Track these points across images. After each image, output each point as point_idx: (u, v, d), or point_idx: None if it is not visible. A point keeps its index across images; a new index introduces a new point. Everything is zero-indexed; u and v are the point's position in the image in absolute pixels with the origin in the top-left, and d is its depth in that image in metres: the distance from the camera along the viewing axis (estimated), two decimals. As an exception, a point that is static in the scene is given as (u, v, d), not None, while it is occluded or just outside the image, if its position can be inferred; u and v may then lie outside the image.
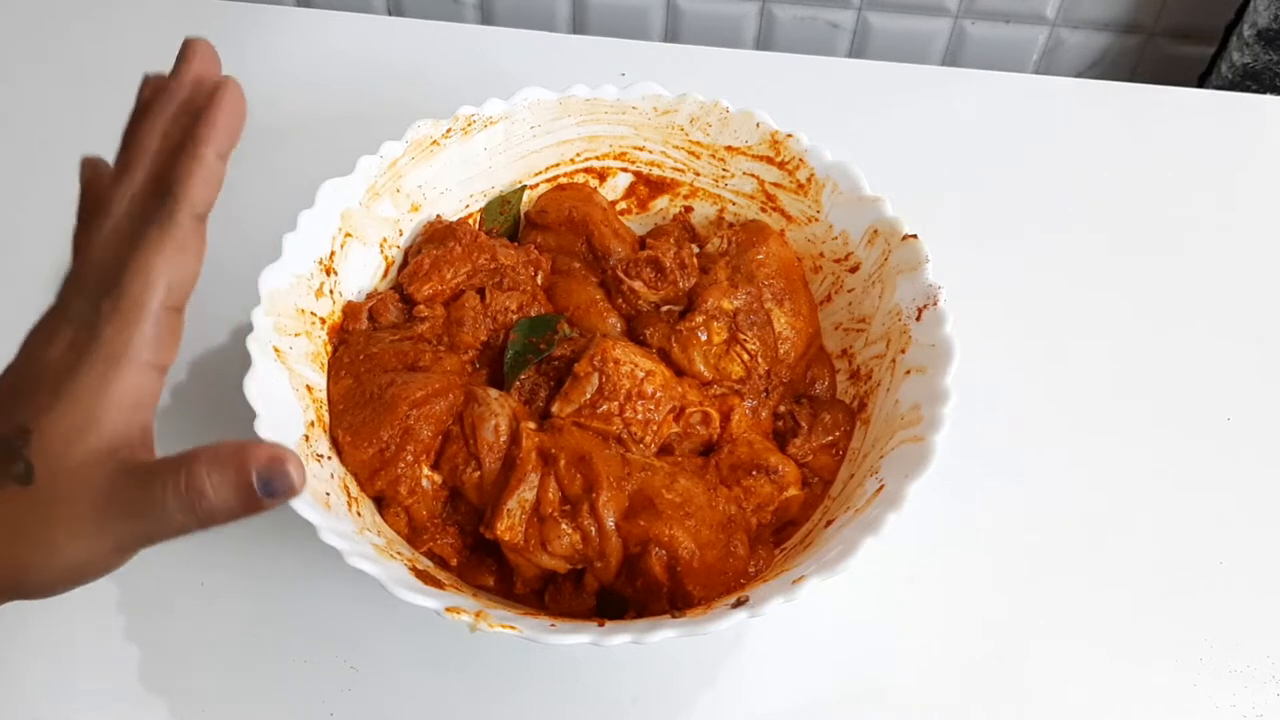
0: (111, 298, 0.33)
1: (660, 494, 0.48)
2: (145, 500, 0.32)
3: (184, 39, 0.37)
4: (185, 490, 0.32)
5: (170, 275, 0.33)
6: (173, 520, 0.32)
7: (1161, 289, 0.67)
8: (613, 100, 0.60)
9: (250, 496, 0.32)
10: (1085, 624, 0.53)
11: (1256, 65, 0.79)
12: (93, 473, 0.32)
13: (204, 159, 0.34)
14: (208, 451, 0.32)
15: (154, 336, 0.33)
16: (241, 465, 0.32)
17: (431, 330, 0.54)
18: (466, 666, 0.51)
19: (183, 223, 0.33)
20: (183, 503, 0.32)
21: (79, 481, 0.32)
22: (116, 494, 0.32)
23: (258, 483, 0.32)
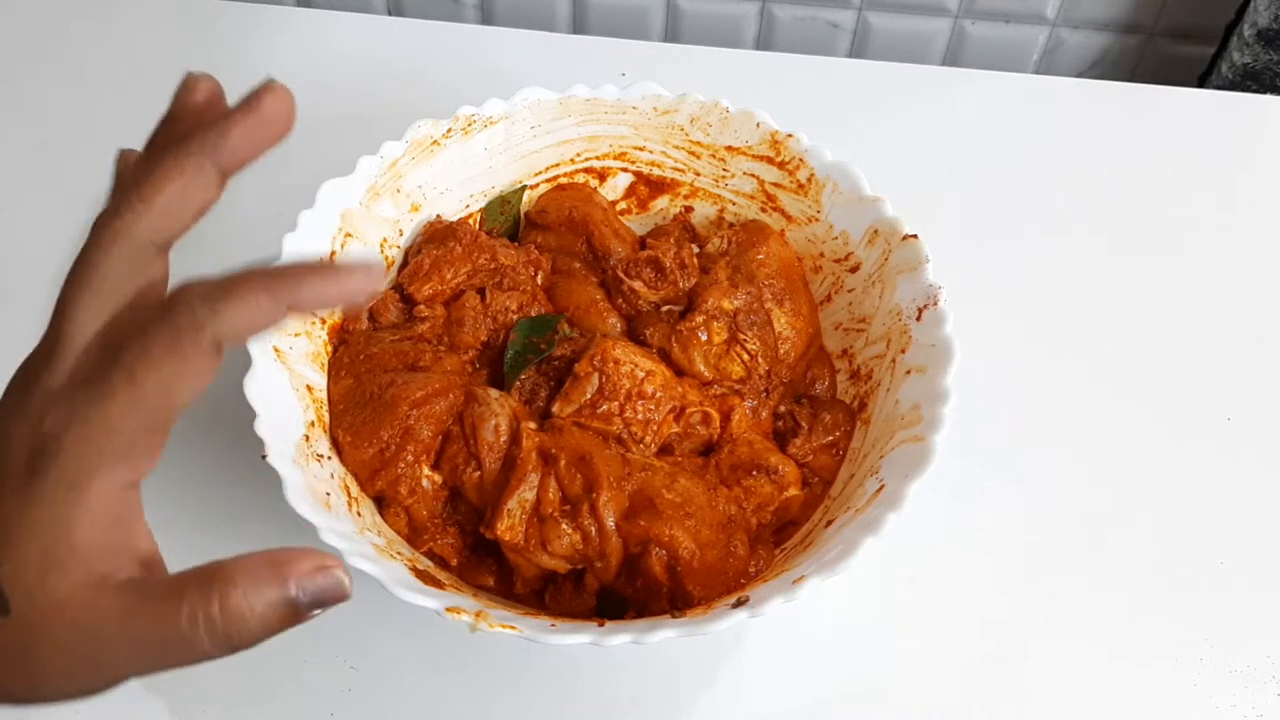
0: (90, 396, 0.27)
1: (660, 494, 0.48)
2: (164, 631, 0.27)
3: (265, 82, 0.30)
4: (220, 616, 0.27)
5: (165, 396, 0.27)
6: (200, 649, 0.27)
7: (1161, 289, 0.67)
8: (613, 100, 0.60)
9: (293, 612, 0.28)
10: (1085, 624, 0.53)
11: (1257, 65, 0.79)
12: (82, 604, 0.27)
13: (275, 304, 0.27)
14: (240, 569, 0.27)
15: (131, 455, 0.27)
16: (282, 580, 0.27)
17: (432, 330, 0.54)
18: (466, 666, 0.51)
19: (205, 350, 0.27)
20: (215, 631, 0.27)
21: (65, 616, 0.27)
22: (122, 625, 0.27)
23: (303, 596, 0.28)
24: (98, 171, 0.54)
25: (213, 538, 0.53)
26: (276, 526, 0.44)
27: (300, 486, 0.44)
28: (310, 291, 0.28)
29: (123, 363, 0.27)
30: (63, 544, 0.27)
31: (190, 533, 0.53)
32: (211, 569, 0.28)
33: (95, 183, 0.54)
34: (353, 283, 0.28)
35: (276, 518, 0.43)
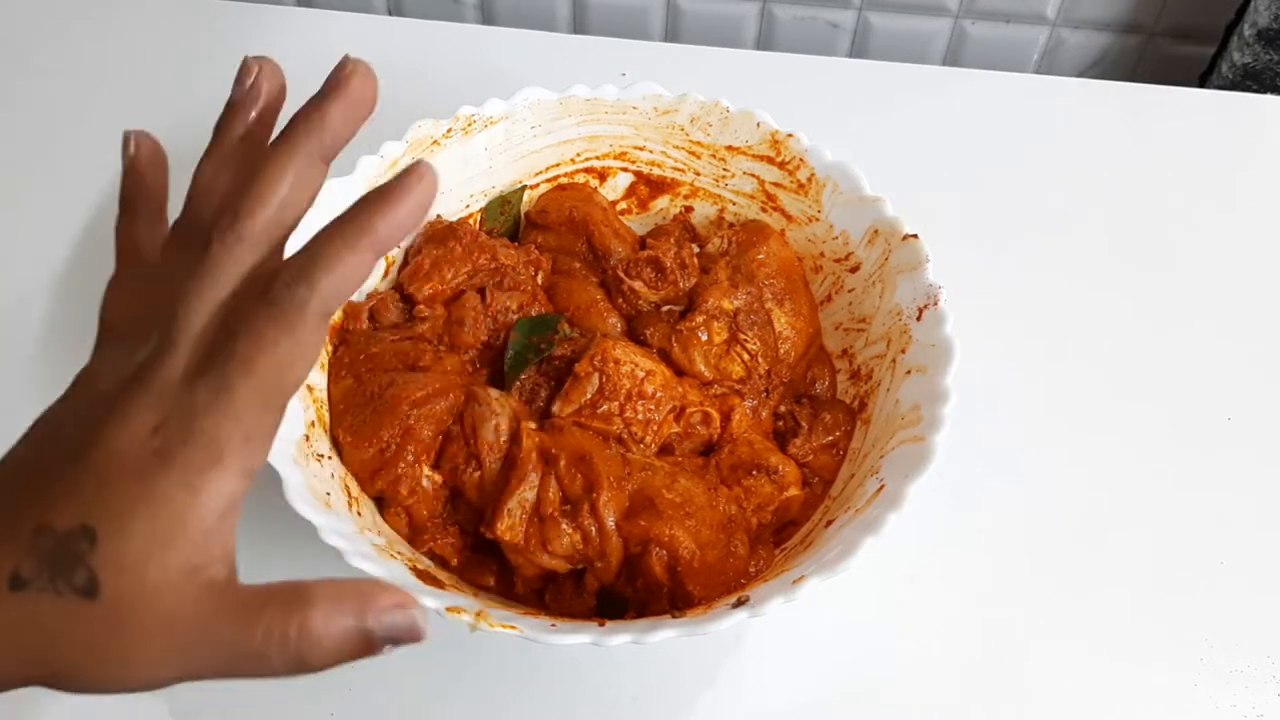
0: (210, 388, 0.27)
1: (660, 494, 0.48)
2: (239, 640, 0.27)
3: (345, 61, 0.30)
4: (297, 637, 0.27)
5: (280, 376, 0.28)
6: (269, 665, 0.28)
7: (1162, 289, 0.67)
8: (613, 100, 0.60)
9: (367, 645, 0.28)
10: (1085, 624, 0.53)
11: (1257, 65, 0.79)
12: (171, 595, 0.27)
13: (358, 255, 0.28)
14: (324, 594, 0.28)
15: (253, 440, 0.28)
16: (363, 612, 0.28)
17: (432, 330, 0.54)
18: (467, 666, 0.51)
19: (309, 322, 0.28)
20: (289, 650, 0.27)
21: (153, 604, 0.27)
22: (201, 625, 0.27)
23: (379, 630, 0.28)
24: (98, 171, 0.55)
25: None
26: (276, 526, 0.44)
27: (300, 486, 0.44)
28: (385, 229, 0.28)
29: (238, 352, 0.27)
30: (175, 528, 0.27)
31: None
32: (297, 588, 0.28)
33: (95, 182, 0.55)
34: (416, 198, 0.28)
35: (276, 518, 0.43)
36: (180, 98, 0.74)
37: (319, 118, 0.30)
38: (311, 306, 0.28)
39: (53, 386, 0.33)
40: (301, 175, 0.29)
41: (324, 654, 0.28)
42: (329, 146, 0.30)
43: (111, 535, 0.27)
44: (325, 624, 0.28)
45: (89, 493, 0.27)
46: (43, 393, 0.33)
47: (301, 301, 0.28)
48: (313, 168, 0.30)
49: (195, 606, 0.27)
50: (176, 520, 0.27)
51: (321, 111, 0.30)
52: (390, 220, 0.28)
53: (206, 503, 0.27)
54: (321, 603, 0.28)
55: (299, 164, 0.29)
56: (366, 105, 0.30)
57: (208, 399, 0.27)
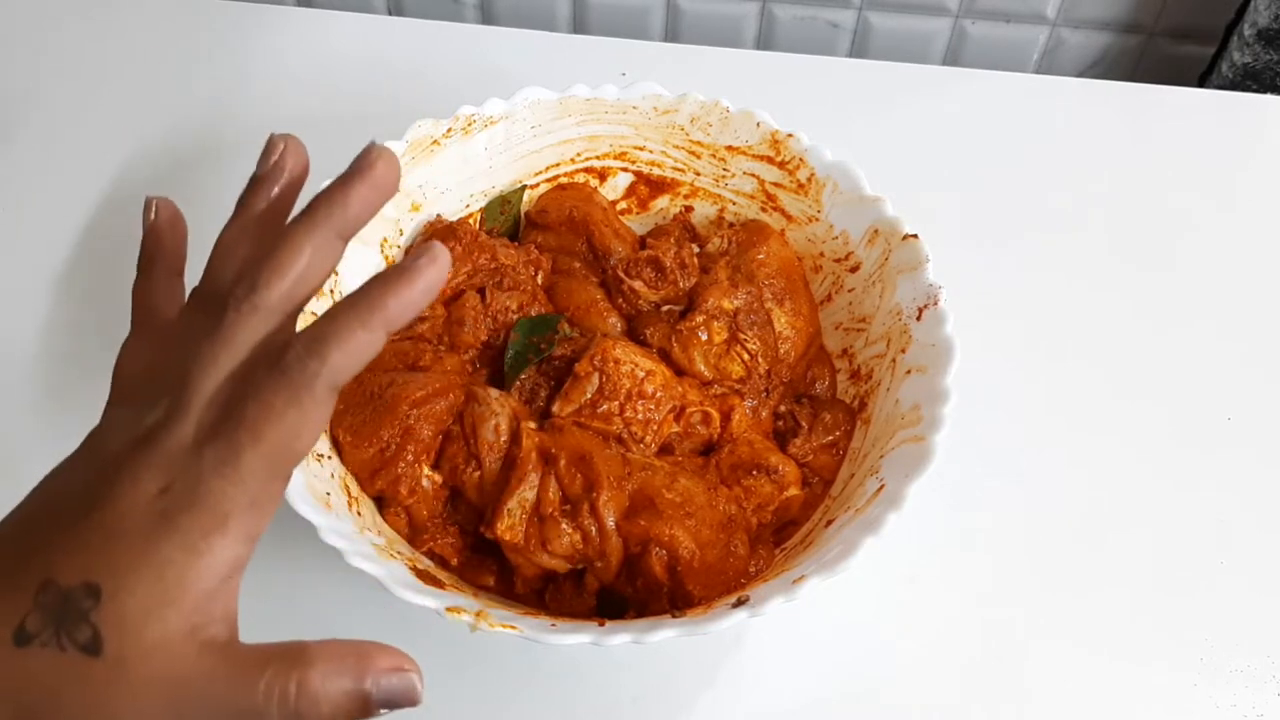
0: (218, 453, 0.28)
1: (660, 494, 0.48)
2: (239, 698, 0.28)
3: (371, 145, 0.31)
4: (295, 695, 0.28)
5: (287, 446, 0.28)
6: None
7: (1161, 289, 0.67)
8: (613, 100, 0.60)
9: (364, 706, 0.29)
10: (1085, 624, 0.53)
11: (1257, 65, 0.79)
12: (171, 654, 0.28)
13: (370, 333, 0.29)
14: (324, 654, 0.29)
15: (257, 507, 0.29)
16: (361, 674, 0.29)
17: (432, 330, 0.54)
18: (467, 666, 0.51)
19: (318, 395, 0.28)
20: (288, 709, 0.28)
21: (154, 663, 0.27)
22: (201, 684, 0.28)
23: (377, 693, 0.29)
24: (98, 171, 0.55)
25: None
26: (276, 526, 0.44)
27: (300, 486, 0.44)
28: (396, 308, 0.29)
29: (247, 421, 0.28)
30: (176, 589, 0.28)
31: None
32: (297, 648, 0.29)
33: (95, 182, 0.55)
34: (428, 280, 0.29)
35: (276, 517, 0.43)
36: (180, 98, 0.74)
37: (341, 198, 0.30)
38: (322, 380, 0.28)
39: (52, 387, 0.33)
40: (319, 252, 0.30)
41: (321, 714, 0.28)
42: (348, 226, 0.31)
43: (115, 593, 0.27)
44: (324, 684, 0.28)
45: (95, 550, 0.28)
46: (43, 393, 0.33)
47: (312, 374, 0.28)
48: (331, 245, 0.30)
49: (195, 665, 0.28)
50: (179, 581, 0.28)
51: (345, 193, 0.30)
52: (402, 299, 0.29)
53: (209, 566, 0.28)
54: (321, 663, 0.29)
55: (317, 241, 0.30)
56: (388, 190, 0.31)
57: (215, 465, 0.28)
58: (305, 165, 0.33)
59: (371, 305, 0.29)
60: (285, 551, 0.53)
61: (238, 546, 0.29)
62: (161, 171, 0.69)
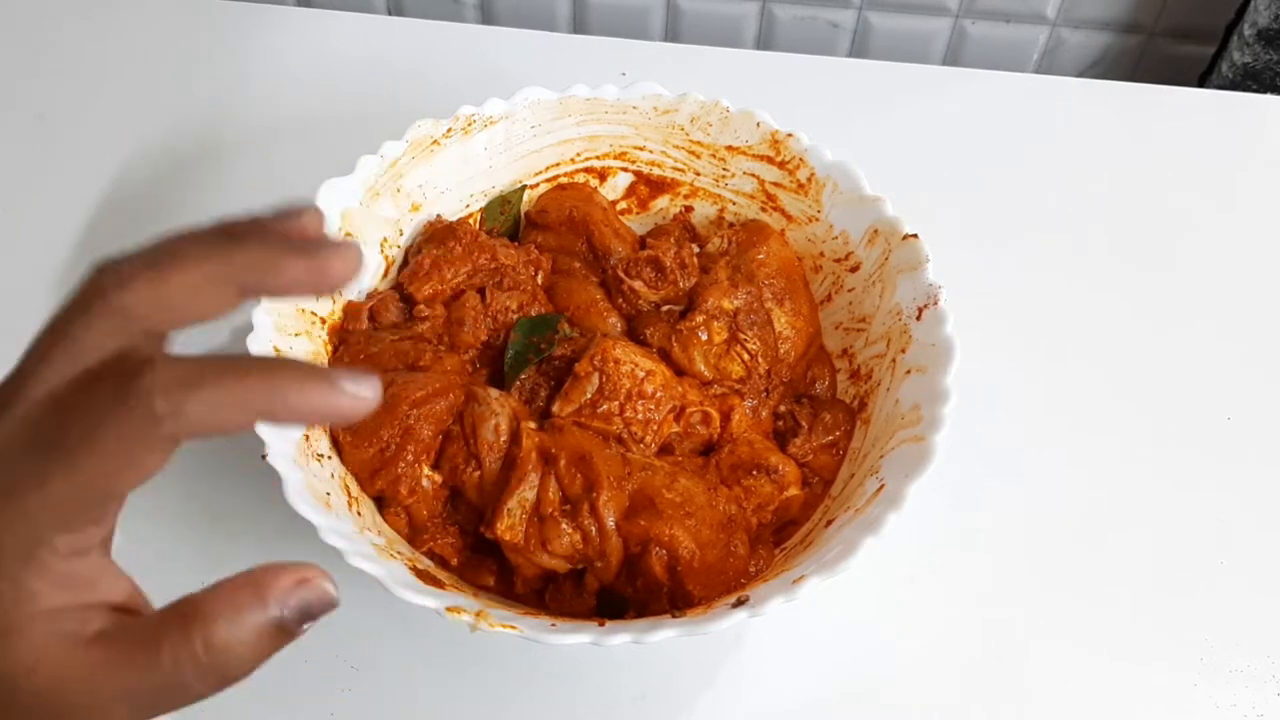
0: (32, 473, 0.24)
1: (660, 494, 0.48)
2: (148, 679, 0.25)
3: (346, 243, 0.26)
4: (204, 653, 0.25)
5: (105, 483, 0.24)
6: (190, 690, 0.25)
7: (1161, 288, 0.67)
8: (613, 100, 0.60)
9: (282, 632, 0.26)
10: (1085, 624, 0.53)
11: (1257, 65, 0.79)
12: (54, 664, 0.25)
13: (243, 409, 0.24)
14: (217, 599, 0.26)
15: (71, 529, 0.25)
16: (263, 601, 0.26)
17: (432, 330, 0.54)
18: (467, 666, 0.51)
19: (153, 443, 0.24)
20: (202, 669, 0.25)
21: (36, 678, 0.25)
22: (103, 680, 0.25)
23: (288, 613, 0.26)
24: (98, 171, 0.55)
25: (214, 537, 0.54)
26: (276, 526, 0.44)
27: (300, 486, 0.44)
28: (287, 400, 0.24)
29: (65, 444, 0.24)
30: (19, 615, 0.25)
31: (191, 533, 0.54)
32: (186, 605, 0.26)
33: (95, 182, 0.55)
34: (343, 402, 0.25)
35: (276, 518, 0.43)
36: (180, 98, 0.74)
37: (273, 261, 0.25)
38: (166, 427, 0.23)
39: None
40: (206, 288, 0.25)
41: (242, 660, 0.26)
42: (256, 288, 0.25)
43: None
44: (229, 631, 0.25)
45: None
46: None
47: (157, 418, 0.23)
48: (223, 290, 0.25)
49: (84, 666, 0.25)
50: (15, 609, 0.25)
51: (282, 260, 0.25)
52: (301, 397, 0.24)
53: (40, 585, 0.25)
54: (218, 608, 0.25)
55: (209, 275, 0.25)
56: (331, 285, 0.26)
57: (22, 484, 0.24)
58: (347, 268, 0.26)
59: (269, 378, 0.24)
60: (285, 552, 0.53)
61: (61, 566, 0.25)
62: (161, 171, 0.69)
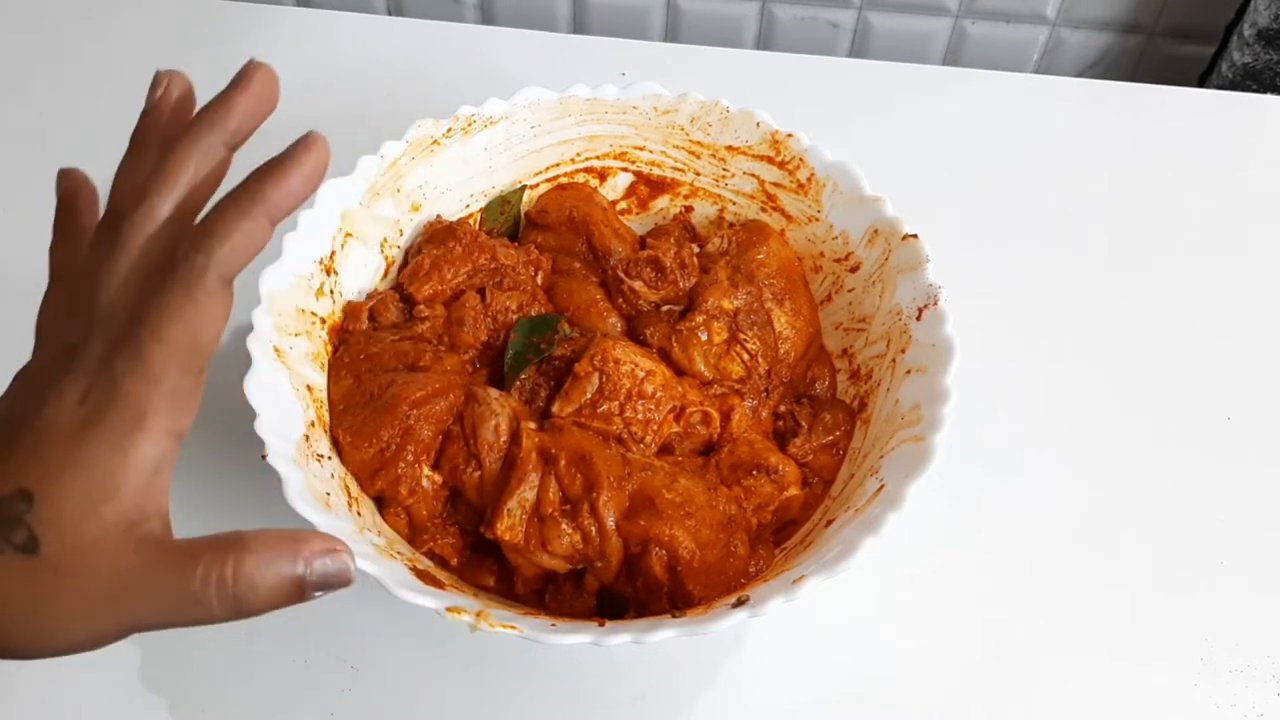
0: (127, 357, 0.29)
1: (660, 494, 0.48)
2: (179, 586, 0.29)
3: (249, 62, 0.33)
4: (233, 581, 0.29)
5: (190, 340, 0.30)
6: (209, 611, 0.30)
7: (1161, 288, 0.67)
8: (613, 100, 0.60)
9: (300, 589, 0.30)
10: (1085, 624, 0.53)
11: (1257, 65, 0.79)
12: (110, 549, 0.29)
13: (253, 221, 0.30)
14: (257, 540, 0.30)
15: (172, 402, 0.30)
16: (294, 556, 0.30)
17: (432, 330, 0.54)
18: (467, 667, 0.51)
19: (210, 287, 0.30)
20: (226, 594, 0.29)
21: (93, 558, 0.29)
22: (141, 575, 0.29)
23: (311, 575, 0.30)
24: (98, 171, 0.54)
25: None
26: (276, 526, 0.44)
27: (300, 486, 0.44)
28: (278, 197, 0.30)
29: (147, 322, 0.30)
30: (107, 487, 0.29)
31: (191, 533, 0.53)
32: (231, 536, 0.30)
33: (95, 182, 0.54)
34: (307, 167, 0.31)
35: (276, 518, 0.43)
36: (180, 98, 0.74)
37: (223, 111, 0.32)
38: (211, 272, 0.30)
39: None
40: (206, 160, 0.32)
41: (260, 598, 0.30)
42: (232, 136, 0.32)
43: (48, 496, 0.29)
44: (258, 569, 0.30)
45: (24, 460, 0.29)
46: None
47: (201, 268, 0.29)
48: (216, 154, 0.32)
49: (133, 559, 0.29)
50: (108, 480, 0.29)
51: (225, 105, 0.32)
52: (283, 188, 0.31)
53: (134, 462, 0.29)
54: (256, 547, 0.30)
55: (202, 149, 0.32)
56: (268, 100, 0.33)
57: (126, 366, 0.29)
58: (190, 92, 0.34)
59: (253, 196, 0.30)
60: (285, 551, 0.53)
61: (161, 442, 0.30)
62: (161, 171, 0.69)
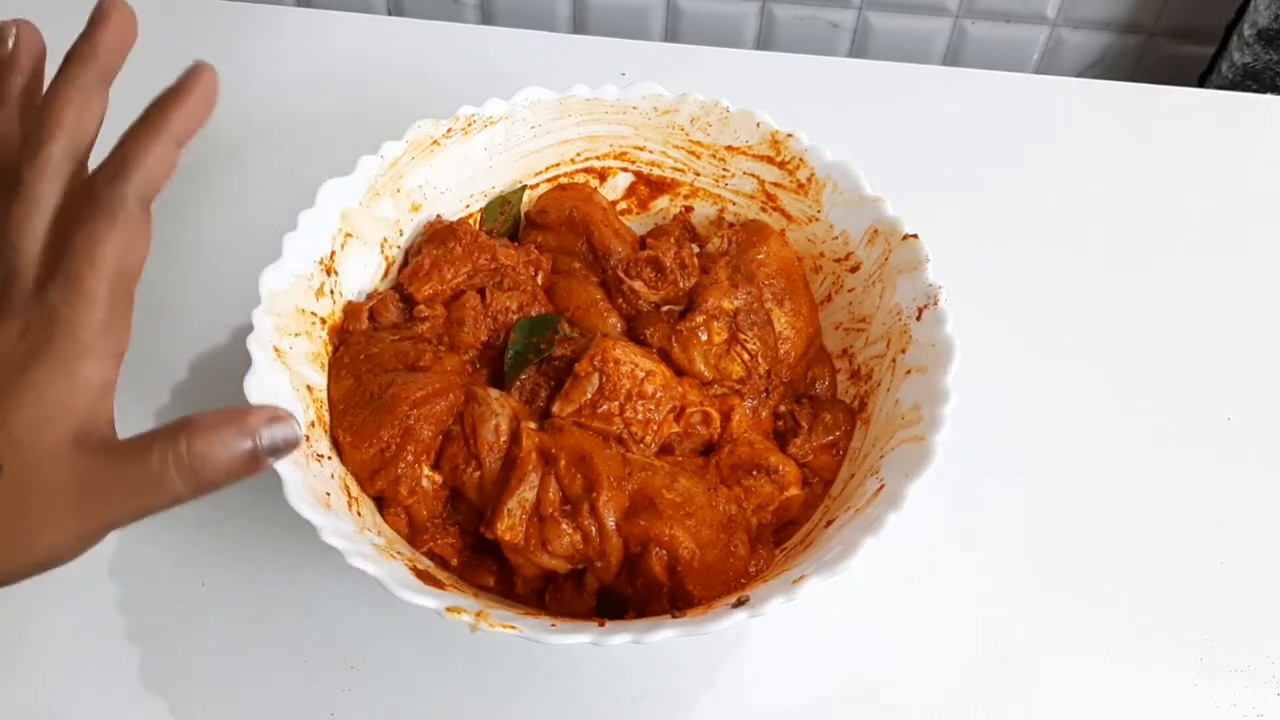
0: (61, 287, 0.32)
1: (660, 494, 0.48)
2: (139, 474, 0.32)
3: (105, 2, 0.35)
4: (188, 456, 0.31)
5: (120, 263, 0.32)
6: (173, 489, 0.32)
7: (1161, 288, 0.67)
8: (613, 100, 0.60)
9: (254, 457, 0.32)
10: (1085, 624, 0.53)
11: (1257, 65, 0.79)
12: (67, 460, 0.31)
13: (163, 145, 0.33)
14: (207, 418, 0.32)
15: (110, 324, 0.32)
16: (242, 430, 0.32)
17: (432, 330, 0.54)
18: (467, 667, 0.51)
19: (132, 210, 0.32)
20: (184, 470, 0.31)
21: (53, 470, 0.31)
22: (102, 475, 0.32)
23: (261, 441, 0.32)
24: None
25: (214, 537, 0.54)
26: (276, 526, 0.44)
27: (300, 486, 0.44)
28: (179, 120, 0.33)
29: (77, 250, 0.32)
30: (59, 405, 0.31)
31: (191, 532, 0.54)
32: (178, 422, 0.32)
33: None
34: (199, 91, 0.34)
35: (276, 517, 0.43)
36: (180, 98, 0.74)
37: (90, 49, 0.34)
38: (130, 196, 0.32)
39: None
40: (88, 98, 0.34)
41: (217, 468, 0.32)
42: (105, 71, 0.34)
43: (7, 422, 0.31)
44: (211, 445, 0.32)
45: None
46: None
47: (121, 194, 0.32)
48: (96, 90, 0.34)
49: (91, 462, 0.32)
50: (60, 400, 0.31)
51: (91, 43, 0.34)
52: (182, 112, 0.33)
53: (83, 384, 0.32)
54: (204, 423, 0.32)
55: (80, 88, 0.34)
56: (129, 32, 0.35)
57: (62, 297, 0.31)
58: (41, 41, 0.36)
59: (156, 125, 0.33)
60: (285, 551, 0.53)
61: (104, 363, 0.32)
62: (161, 171, 0.69)
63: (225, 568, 0.53)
